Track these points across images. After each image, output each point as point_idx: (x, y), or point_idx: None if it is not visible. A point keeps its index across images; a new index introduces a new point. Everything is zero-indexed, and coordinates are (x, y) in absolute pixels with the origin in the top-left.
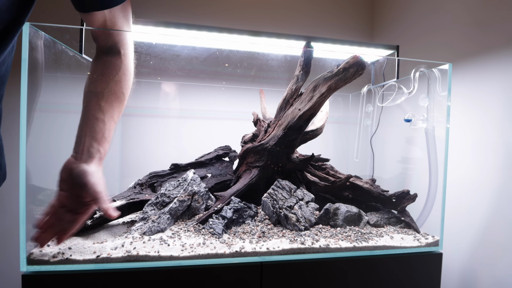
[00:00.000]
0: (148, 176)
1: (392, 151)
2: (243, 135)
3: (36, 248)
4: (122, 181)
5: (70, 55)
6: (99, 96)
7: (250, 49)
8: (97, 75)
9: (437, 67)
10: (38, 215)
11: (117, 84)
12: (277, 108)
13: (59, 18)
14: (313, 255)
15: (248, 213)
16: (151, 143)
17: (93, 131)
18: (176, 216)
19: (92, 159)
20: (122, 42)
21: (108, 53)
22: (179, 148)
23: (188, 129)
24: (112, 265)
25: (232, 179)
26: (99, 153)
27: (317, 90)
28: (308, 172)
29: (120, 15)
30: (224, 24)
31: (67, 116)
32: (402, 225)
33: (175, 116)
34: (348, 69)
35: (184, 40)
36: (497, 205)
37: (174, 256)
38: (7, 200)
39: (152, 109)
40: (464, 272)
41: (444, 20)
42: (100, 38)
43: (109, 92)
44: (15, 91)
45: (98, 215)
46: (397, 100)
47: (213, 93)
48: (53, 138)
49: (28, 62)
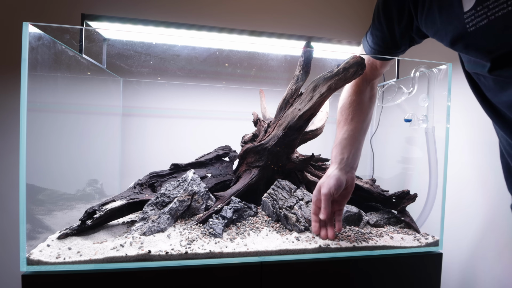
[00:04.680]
0: (148, 176)
1: (392, 151)
2: (243, 135)
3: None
4: (122, 181)
5: (70, 55)
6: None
7: (250, 49)
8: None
9: (437, 67)
10: (39, 215)
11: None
12: (277, 108)
13: (59, 18)
14: (313, 255)
15: (248, 213)
16: (151, 143)
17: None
18: (176, 216)
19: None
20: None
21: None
22: (179, 148)
23: (188, 129)
24: (112, 265)
25: (232, 179)
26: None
27: (317, 90)
28: (308, 172)
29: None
30: (224, 24)
31: (67, 116)
32: (402, 225)
33: (175, 116)
34: (348, 69)
35: (184, 40)
36: (497, 205)
37: (174, 256)
38: (7, 200)
39: (152, 109)
40: (464, 272)
41: None
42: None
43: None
44: (15, 91)
45: (98, 215)
46: (397, 100)
47: (213, 93)
48: (52, 138)
49: (28, 62)
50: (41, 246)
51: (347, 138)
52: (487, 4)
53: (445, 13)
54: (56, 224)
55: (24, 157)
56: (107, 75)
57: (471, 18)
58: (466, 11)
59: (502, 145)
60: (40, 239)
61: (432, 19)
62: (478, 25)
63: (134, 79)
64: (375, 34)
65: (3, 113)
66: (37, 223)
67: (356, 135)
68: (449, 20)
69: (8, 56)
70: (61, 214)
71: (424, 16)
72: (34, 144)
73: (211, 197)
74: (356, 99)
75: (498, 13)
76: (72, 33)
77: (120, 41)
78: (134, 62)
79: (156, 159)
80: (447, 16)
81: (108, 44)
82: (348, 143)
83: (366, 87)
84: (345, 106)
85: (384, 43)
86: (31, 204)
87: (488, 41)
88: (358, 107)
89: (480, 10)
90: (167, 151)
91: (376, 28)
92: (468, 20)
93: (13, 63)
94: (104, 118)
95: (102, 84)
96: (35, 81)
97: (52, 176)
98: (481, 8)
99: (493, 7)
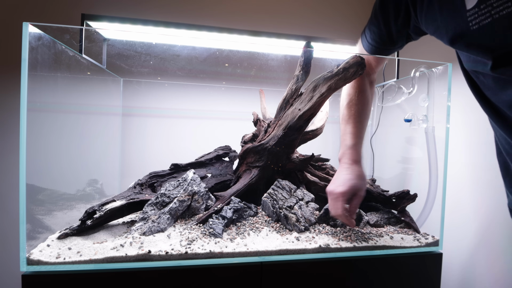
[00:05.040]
0: (148, 176)
1: (392, 151)
2: (243, 135)
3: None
4: (122, 181)
5: (70, 55)
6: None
7: (250, 49)
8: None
9: (437, 67)
10: (39, 215)
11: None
12: (277, 108)
13: (59, 18)
14: (313, 255)
15: (248, 213)
16: (151, 143)
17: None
18: (176, 216)
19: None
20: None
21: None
22: (179, 148)
23: (188, 129)
24: (112, 265)
25: (232, 179)
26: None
27: (317, 90)
28: (308, 172)
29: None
30: (224, 24)
31: (67, 116)
32: (402, 225)
33: (175, 116)
34: (348, 69)
35: (184, 40)
36: (497, 205)
37: (174, 256)
38: (7, 200)
39: (152, 109)
40: (464, 272)
41: None
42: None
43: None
44: (15, 91)
45: (98, 215)
46: (397, 100)
47: (213, 93)
48: (52, 138)
49: (28, 62)
50: (41, 246)
51: (362, 137)
52: (491, 2)
53: (446, 11)
54: (56, 224)
55: (24, 157)
56: (107, 75)
57: (474, 17)
58: (469, 9)
59: (500, 143)
60: (40, 239)
61: (433, 16)
62: (482, 23)
63: (134, 79)
64: (372, 30)
65: (3, 113)
66: (37, 223)
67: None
68: (450, 18)
69: (8, 56)
70: (61, 214)
71: (424, 13)
72: (34, 144)
73: (211, 197)
74: (362, 95)
75: (503, 12)
76: (72, 33)
77: (120, 41)
78: (134, 62)
79: (156, 159)
80: (448, 13)
81: (108, 44)
82: (361, 142)
83: (367, 83)
84: (353, 102)
85: (381, 39)
86: (31, 204)
87: (491, 40)
88: (365, 104)
89: (483, 8)
90: (167, 151)
91: (373, 24)
92: (471, 18)
93: (13, 63)
94: (104, 118)
95: (102, 84)
96: (35, 81)
97: (52, 176)
98: (485, 7)
99: (497, 5)
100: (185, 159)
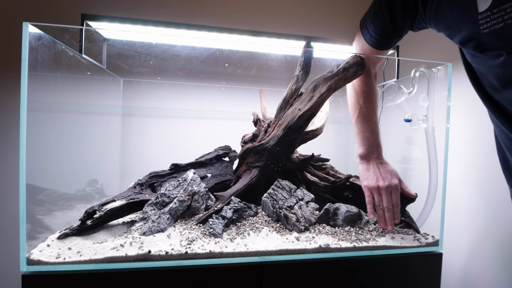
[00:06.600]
0: (148, 176)
1: (392, 151)
2: (243, 135)
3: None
4: (122, 181)
5: (70, 55)
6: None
7: (250, 49)
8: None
9: (437, 67)
10: (39, 215)
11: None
12: (277, 108)
13: (59, 18)
14: (313, 255)
15: (248, 213)
16: (151, 143)
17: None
18: (176, 216)
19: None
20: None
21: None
22: (179, 148)
23: (188, 129)
24: (112, 265)
25: (232, 179)
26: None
27: (317, 90)
28: (308, 172)
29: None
30: (224, 24)
31: (67, 116)
32: (402, 225)
33: (175, 116)
34: (348, 69)
35: (184, 40)
36: (497, 205)
37: (174, 256)
38: (7, 200)
39: (152, 109)
40: (464, 272)
41: None
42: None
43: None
44: (15, 91)
45: (98, 215)
46: (397, 100)
47: (213, 93)
48: (53, 138)
49: (28, 62)
50: (41, 246)
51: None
52: (504, 7)
53: (457, 11)
54: (56, 224)
55: (24, 157)
56: (107, 75)
57: (486, 20)
58: (481, 11)
59: (500, 138)
60: (40, 239)
61: (443, 14)
62: (493, 27)
63: (134, 79)
64: (376, 24)
65: (3, 113)
66: (37, 223)
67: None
68: (461, 19)
69: (8, 56)
70: (61, 214)
71: (433, 11)
72: (34, 144)
73: (211, 197)
74: (374, 91)
75: None
76: (72, 33)
77: (120, 41)
78: (134, 62)
79: (156, 159)
80: (459, 15)
81: (108, 44)
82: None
83: (375, 79)
84: (368, 100)
85: (386, 33)
86: (31, 204)
87: (502, 44)
88: (376, 101)
89: (496, 12)
90: (167, 151)
91: (377, 18)
92: (482, 21)
93: (13, 63)
94: (104, 118)
95: (102, 84)
96: (35, 81)
97: (52, 176)
98: (498, 11)
99: (510, 10)
100: (185, 159)
